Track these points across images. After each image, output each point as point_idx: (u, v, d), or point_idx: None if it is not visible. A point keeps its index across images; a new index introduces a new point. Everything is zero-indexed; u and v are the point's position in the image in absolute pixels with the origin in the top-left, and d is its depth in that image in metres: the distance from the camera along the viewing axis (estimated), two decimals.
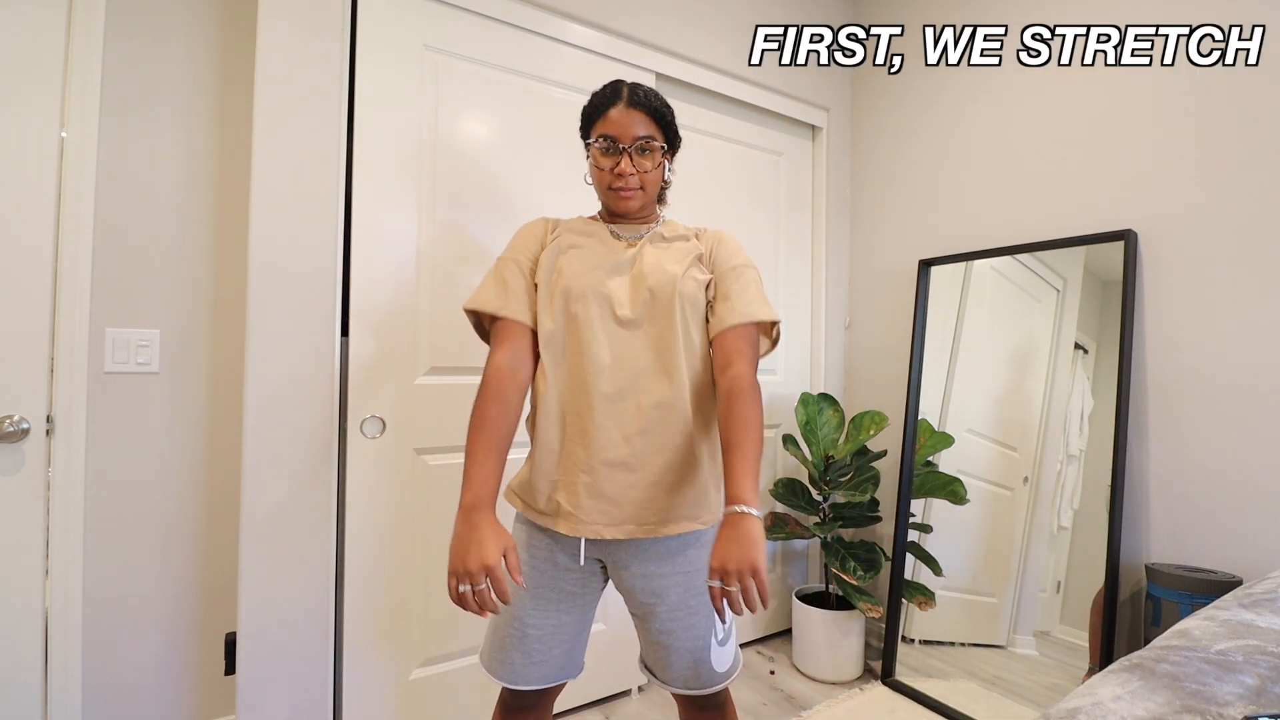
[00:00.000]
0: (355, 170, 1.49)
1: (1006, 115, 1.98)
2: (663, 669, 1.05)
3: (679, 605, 1.02)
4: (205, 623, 1.50)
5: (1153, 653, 0.82)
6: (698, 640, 1.02)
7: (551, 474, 1.01)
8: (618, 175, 1.03)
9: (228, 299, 1.51)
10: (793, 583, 2.35)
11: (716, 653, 1.04)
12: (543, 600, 1.02)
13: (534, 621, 1.01)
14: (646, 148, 1.03)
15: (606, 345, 1.00)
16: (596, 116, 1.05)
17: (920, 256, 2.20)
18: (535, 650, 1.02)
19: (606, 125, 1.03)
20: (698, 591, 1.02)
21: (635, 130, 1.02)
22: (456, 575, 0.84)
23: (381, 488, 1.51)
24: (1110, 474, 1.61)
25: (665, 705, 1.83)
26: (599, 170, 1.06)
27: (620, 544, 1.02)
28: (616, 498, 0.98)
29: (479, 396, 0.97)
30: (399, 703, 1.54)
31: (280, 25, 1.39)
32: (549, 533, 1.04)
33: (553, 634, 1.02)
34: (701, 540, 1.04)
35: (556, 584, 1.03)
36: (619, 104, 1.02)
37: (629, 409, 0.99)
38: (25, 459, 1.27)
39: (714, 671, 1.04)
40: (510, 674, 1.02)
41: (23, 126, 1.26)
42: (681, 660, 1.03)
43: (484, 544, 0.84)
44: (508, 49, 1.69)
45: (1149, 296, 1.65)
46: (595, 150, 1.05)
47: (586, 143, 1.07)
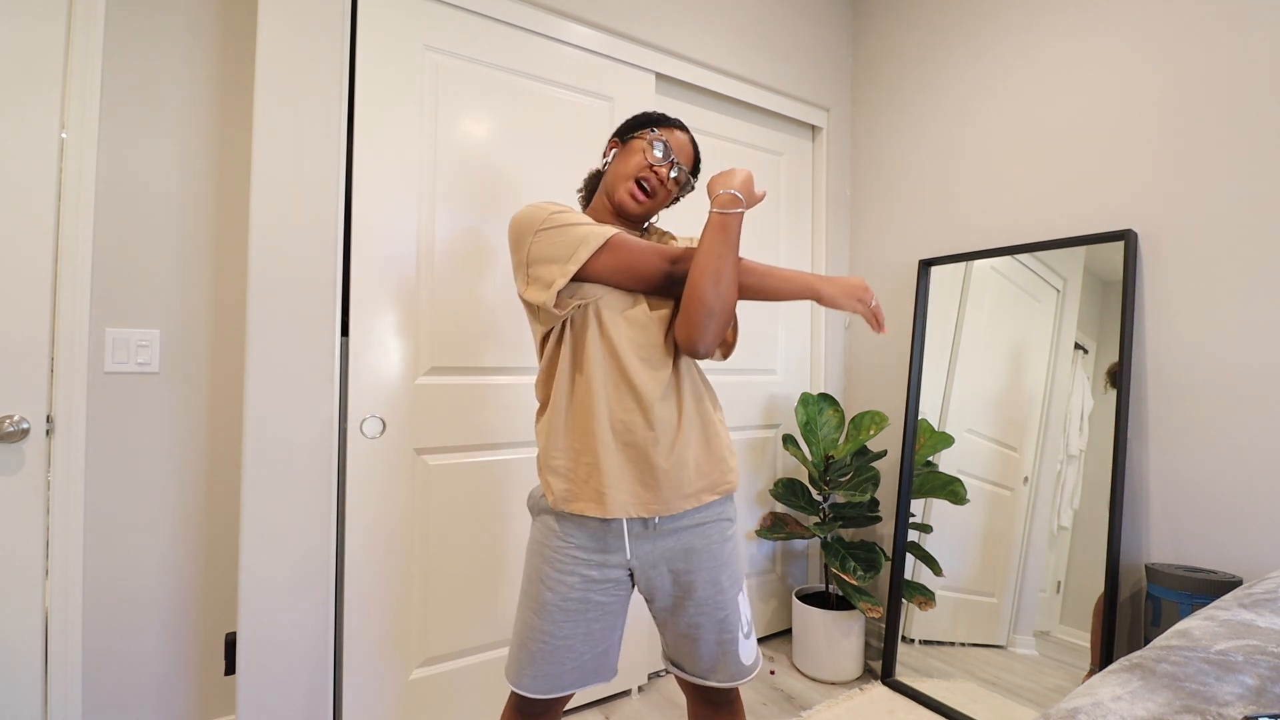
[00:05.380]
0: (355, 170, 1.49)
1: (1007, 115, 1.98)
2: (692, 661, 1.06)
3: (707, 600, 1.04)
4: (205, 623, 1.50)
5: (1153, 653, 0.82)
6: (727, 633, 1.05)
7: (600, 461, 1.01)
8: (649, 179, 1.09)
9: (228, 299, 1.51)
10: (793, 583, 2.35)
11: (743, 645, 1.06)
12: (572, 614, 1.01)
13: (564, 633, 1.01)
14: (681, 178, 1.13)
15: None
16: (653, 125, 1.13)
17: (920, 256, 2.20)
18: (568, 657, 1.02)
19: (668, 134, 1.12)
20: (724, 587, 1.05)
21: (684, 154, 1.13)
22: None
23: (381, 488, 1.51)
24: (1110, 474, 1.61)
25: (665, 705, 1.83)
26: (623, 164, 1.10)
27: (652, 532, 1.03)
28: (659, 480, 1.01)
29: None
30: (399, 703, 1.54)
31: (280, 25, 1.39)
32: (583, 527, 1.03)
33: (584, 640, 1.02)
34: (724, 514, 1.08)
35: (586, 595, 1.02)
36: (670, 122, 1.14)
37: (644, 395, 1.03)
38: (25, 459, 1.27)
39: (740, 664, 1.06)
40: (543, 685, 1.01)
41: (23, 127, 1.26)
42: (709, 652, 1.05)
43: None
44: (508, 49, 1.69)
45: (1149, 296, 1.65)
46: (646, 142, 1.10)
47: (629, 136, 1.13)
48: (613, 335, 1.00)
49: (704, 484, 1.04)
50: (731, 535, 1.09)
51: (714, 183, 1.01)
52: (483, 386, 1.66)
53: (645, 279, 1.01)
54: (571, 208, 1.04)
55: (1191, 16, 1.59)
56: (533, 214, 1.00)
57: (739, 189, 0.99)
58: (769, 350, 2.29)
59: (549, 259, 0.97)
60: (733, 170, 1.01)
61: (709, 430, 1.06)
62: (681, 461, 1.01)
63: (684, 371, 1.05)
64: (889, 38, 2.35)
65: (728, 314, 0.99)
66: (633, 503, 1.00)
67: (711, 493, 1.05)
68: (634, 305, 1.03)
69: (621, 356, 0.99)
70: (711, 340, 1.00)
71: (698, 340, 0.99)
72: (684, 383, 1.05)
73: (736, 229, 0.98)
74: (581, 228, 0.98)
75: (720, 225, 0.97)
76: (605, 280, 1.00)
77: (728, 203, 0.98)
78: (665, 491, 1.00)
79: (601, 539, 1.02)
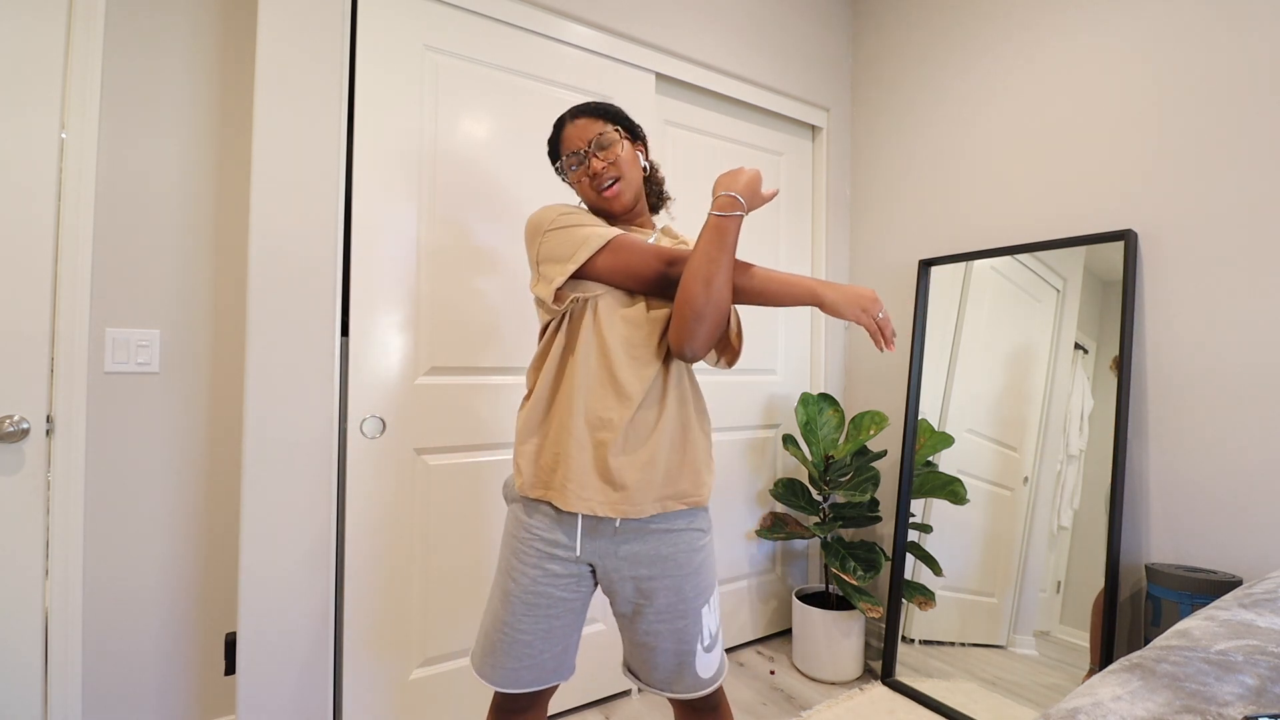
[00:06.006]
0: (355, 170, 1.49)
1: (1007, 115, 1.98)
2: (646, 671, 1.06)
3: (667, 609, 1.02)
4: (205, 623, 1.50)
5: (1153, 653, 0.82)
6: (684, 645, 1.03)
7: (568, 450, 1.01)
8: (594, 176, 1.08)
9: (228, 299, 1.51)
10: (793, 583, 2.35)
11: (702, 658, 1.04)
12: (533, 607, 1.01)
13: (524, 627, 1.01)
14: (603, 142, 1.09)
15: None
16: (557, 143, 1.13)
17: (920, 256, 2.20)
18: (525, 654, 1.02)
19: (565, 143, 1.11)
20: (687, 596, 1.03)
21: (588, 133, 1.09)
22: None
23: (381, 488, 1.51)
24: (1110, 474, 1.61)
25: (665, 706, 1.83)
26: (580, 185, 1.11)
27: (613, 533, 1.02)
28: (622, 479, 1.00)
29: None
30: (399, 703, 1.54)
31: (281, 25, 1.39)
32: (546, 517, 1.03)
33: (544, 638, 1.02)
34: (694, 524, 1.06)
35: (547, 590, 1.02)
36: (567, 124, 1.12)
37: None
38: (25, 459, 1.27)
39: (698, 676, 1.04)
40: (501, 677, 1.02)
41: (23, 127, 1.26)
42: (666, 662, 1.04)
43: None
44: (508, 49, 1.69)
45: (1149, 296, 1.65)
46: (569, 168, 1.11)
47: (561, 176, 1.14)
48: (606, 331, 1.01)
49: (671, 491, 1.03)
50: (703, 546, 1.07)
51: (718, 183, 1.00)
52: (483, 386, 1.66)
53: (642, 279, 1.01)
54: (582, 211, 1.08)
55: (1191, 16, 1.59)
56: (544, 215, 1.05)
57: (741, 191, 0.98)
58: (769, 350, 2.29)
59: (554, 258, 1.02)
60: (739, 170, 1.00)
61: (688, 438, 1.05)
62: (652, 464, 1.00)
63: (673, 375, 1.05)
64: (889, 38, 2.35)
65: (718, 319, 0.98)
66: (598, 500, 0.99)
67: (678, 501, 1.03)
68: (632, 304, 1.04)
69: (611, 353, 1.00)
70: (700, 344, 0.99)
71: (686, 343, 0.99)
72: (670, 386, 1.04)
73: (734, 232, 0.97)
74: (585, 229, 1.01)
75: (716, 228, 0.97)
76: (604, 279, 1.02)
77: (725, 205, 0.97)
78: (633, 493, 0.99)
79: (563, 531, 1.02)
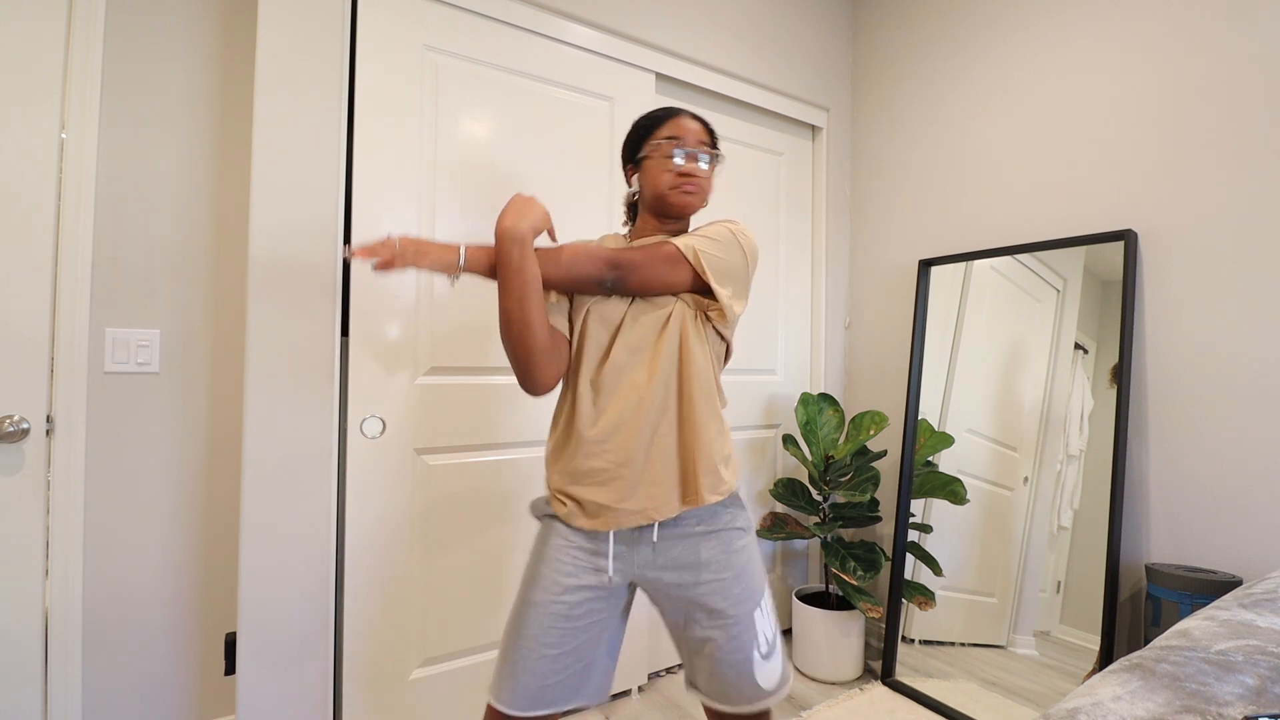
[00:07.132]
0: (355, 170, 1.49)
1: (1007, 115, 1.98)
2: (704, 682, 1.01)
3: (716, 615, 0.99)
4: (205, 623, 1.50)
5: (1153, 653, 0.82)
6: (739, 653, 0.98)
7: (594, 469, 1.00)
8: (686, 176, 1.04)
9: (228, 299, 1.51)
10: (793, 583, 2.35)
11: (760, 666, 0.99)
12: (559, 619, 0.98)
13: (549, 641, 0.98)
14: (707, 154, 1.06)
15: None
16: (657, 125, 1.07)
17: (920, 256, 2.20)
18: (550, 671, 0.98)
19: (679, 129, 1.06)
20: (736, 600, 0.99)
21: (701, 138, 1.07)
22: None
23: (381, 488, 1.51)
24: (1110, 474, 1.61)
25: (665, 705, 1.83)
26: (657, 169, 1.05)
27: (649, 542, 1.01)
28: None
29: None
30: (399, 702, 1.54)
31: (280, 25, 1.39)
32: (579, 535, 1.02)
33: (572, 655, 0.99)
34: (732, 523, 1.04)
35: (579, 600, 0.99)
36: (681, 115, 1.07)
37: None
38: (25, 459, 1.27)
39: (758, 687, 0.99)
40: (523, 700, 0.96)
41: (23, 127, 1.26)
42: (723, 672, 0.99)
43: None
44: (508, 49, 1.69)
45: (1149, 296, 1.65)
46: (668, 151, 1.04)
47: (638, 157, 1.09)
48: (601, 337, 1.03)
49: (692, 488, 1.00)
50: (744, 547, 1.03)
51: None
52: (483, 386, 1.66)
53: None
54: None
55: (1191, 16, 1.59)
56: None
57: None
58: (769, 350, 2.29)
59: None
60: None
61: (704, 435, 1.01)
62: (667, 464, 0.99)
63: (686, 372, 1.02)
64: (889, 38, 2.35)
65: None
66: (624, 513, 0.98)
67: (713, 493, 1.00)
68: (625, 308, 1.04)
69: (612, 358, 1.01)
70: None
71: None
72: (685, 384, 1.01)
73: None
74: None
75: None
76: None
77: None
78: (646, 498, 0.98)
79: (598, 545, 1.01)
